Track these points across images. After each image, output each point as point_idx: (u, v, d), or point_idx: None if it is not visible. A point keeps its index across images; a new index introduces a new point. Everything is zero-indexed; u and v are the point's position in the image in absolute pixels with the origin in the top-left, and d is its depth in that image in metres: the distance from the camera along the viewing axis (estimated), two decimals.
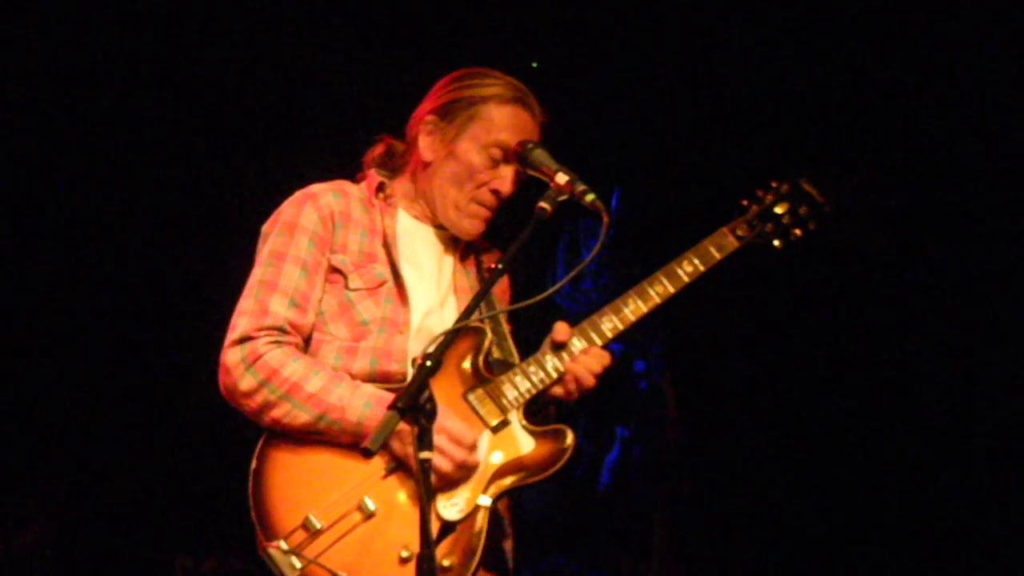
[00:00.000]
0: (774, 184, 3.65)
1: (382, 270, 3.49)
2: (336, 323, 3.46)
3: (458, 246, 3.63)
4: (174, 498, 5.66)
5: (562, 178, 3.31)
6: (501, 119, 3.49)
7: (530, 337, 3.68)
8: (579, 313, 6.04)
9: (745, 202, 3.63)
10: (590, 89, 5.91)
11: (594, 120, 5.92)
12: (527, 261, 3.40)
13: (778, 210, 3.62)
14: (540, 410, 3.51)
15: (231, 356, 3.39)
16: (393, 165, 3.66)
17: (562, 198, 3.30)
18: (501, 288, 3.73)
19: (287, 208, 3.52)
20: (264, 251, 3.49)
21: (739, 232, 3.60)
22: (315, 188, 3.55)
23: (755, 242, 3.60)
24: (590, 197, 3.28)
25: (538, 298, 3.43)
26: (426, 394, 2.95)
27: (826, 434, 5.86)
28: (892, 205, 5.77)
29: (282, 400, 3.35)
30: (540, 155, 3.40)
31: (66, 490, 5.57)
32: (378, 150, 3.68)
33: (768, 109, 5.87)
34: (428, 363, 2.97)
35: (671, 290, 3.53)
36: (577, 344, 3.51)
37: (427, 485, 2.95)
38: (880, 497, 5.79)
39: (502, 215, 3.58)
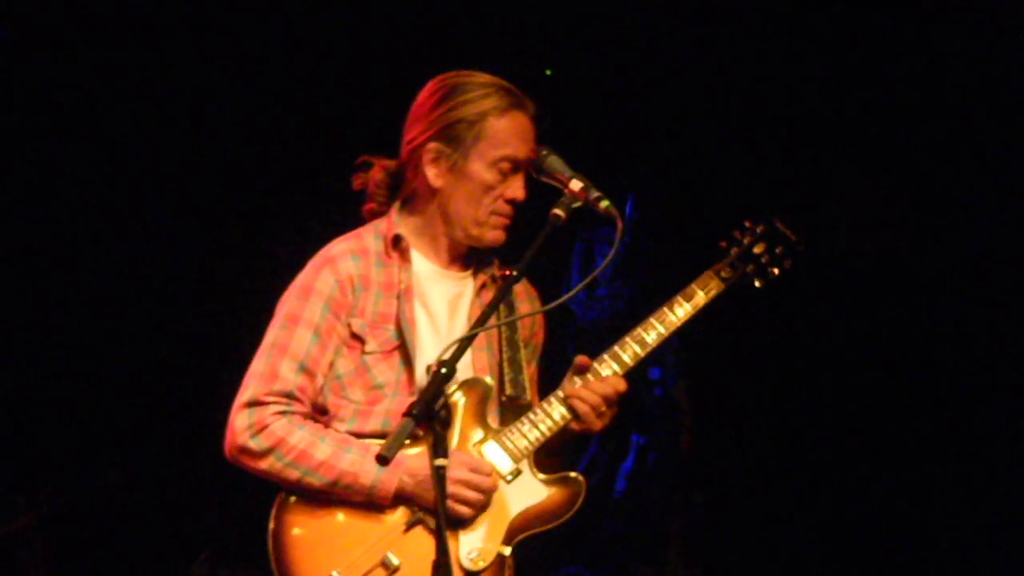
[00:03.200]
0: (749, 225, 3.70)
1: (395, 332, 3.50)
2: (353, 387, 3.49)
3: (474, 289, 3.60)
4: (169, 498, 5.68)
5: (576, 185, 3.31)
6: (504, 132, 3.47)
7: (548, 351, 3.71)
8: (594, 320, 6.07)
9: (724, 244, 3.68)
10: (605, 96, 5.91)
11: (608, 127, 5.92)
12: (540, 268, 3.38)
13: (756, 251, 3.68)
14: (554, 454, 3.54)
15: (239, 420, 3.44)
16: (401, 194, 3.63)
17: (576, 205, 3.31)
18: (534, 325, 3.72)
19: (306, 271, 3.55)
20: (280, 313, 3.52)
21: (723, 275, 3.64)
22: (335, 250, 3.55)
23: (738, 283, 3.66)
24: (604, 204, 3.30)
25: (552, 305, 3.47)
26: (441, 401, 2.96)
27: (842, 442, 5.84)
28: (904, 209, 5.76)
29: (290, 467, 3.40)
30: (554, 162, 3.41)
31: (54, 483, 5.57)
32: (378, 175, 3.63)
33: (783, 114, 5.86)
34: (443, 370, 2.98)
35: (665, 333, 3.57)
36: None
37: (442, 492, 2.97)
38: (896, 506, 5.77)
39: (520, 221, 3.58)
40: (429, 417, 2.96)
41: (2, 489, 5.49)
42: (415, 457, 3.38)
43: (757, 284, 3.68)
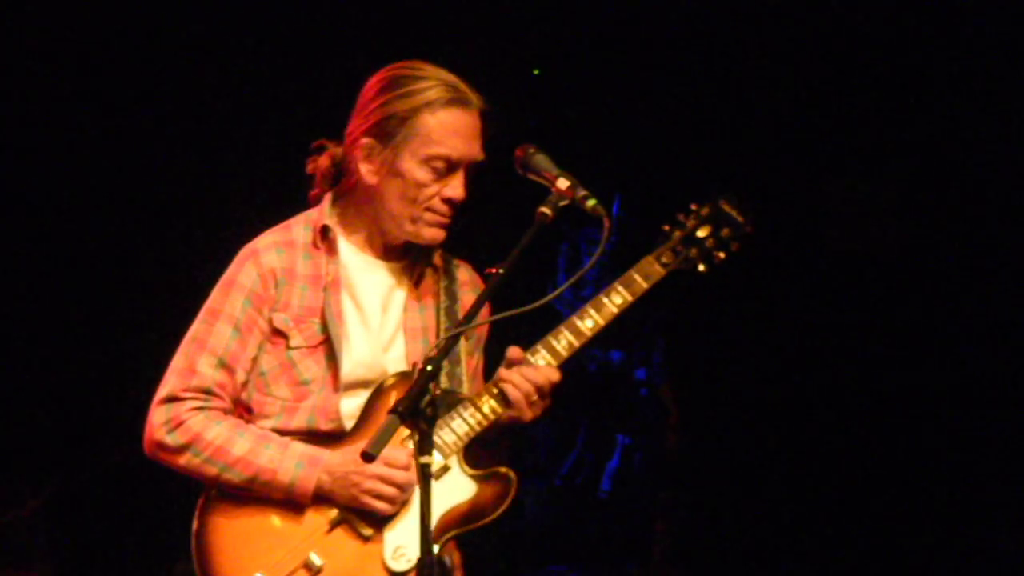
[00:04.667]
0: (694, 207, 3.60)
1: (321, 326, 3.43)
2: (278, 383, 3.43)
3: (411, 279, 3.52)
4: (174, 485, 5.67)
5: (563, 183, 3.27)
6: (438, 129, 3.37)
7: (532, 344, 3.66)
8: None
9: (667, 227, 3.59)
10: (591, 95, 5.91)
11: (594, 126, 5.92)
12: (526, 267, 3.35)
13: (700, 234, 3.57)
14: (489, 447, 3.45)
15: (156, 416, 3.40)
16: (340, 184, 3.55)
17: (563, 203, 3.26)
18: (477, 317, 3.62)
19: (231, 265, 3.47)
20: (203, 307, 3.46)
21: (664, 260, 3.55)
22: (260, 243, 3.47)
23: (680, 268, 3.56)
24: (591, 203, 3.26)
25: (537, 304, 3.38)
26: (427, 399, 2.94)
27: (828, 441, 5.85)
28: (893, 207, 5.77)
29: (207, 463, 3.36)
30: (541, 160, 3.36)
31: (58, 471, 5.56)
32: (324, 161, 3.54)
33: (772, 113, 5.87)
34: (428, 367, 2.96)
35: (601, 323, 3.49)
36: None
37: (426, 489, 2.94)
38: (883, 505, 5.78)
39: (460, 220, 3.49)
40: (415, 414, 2.93)
41: (6, 477, 5.48)
42: (333, 455, 3.33)
43: (701, 268, 3.56)
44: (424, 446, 2.93)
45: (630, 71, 5.93)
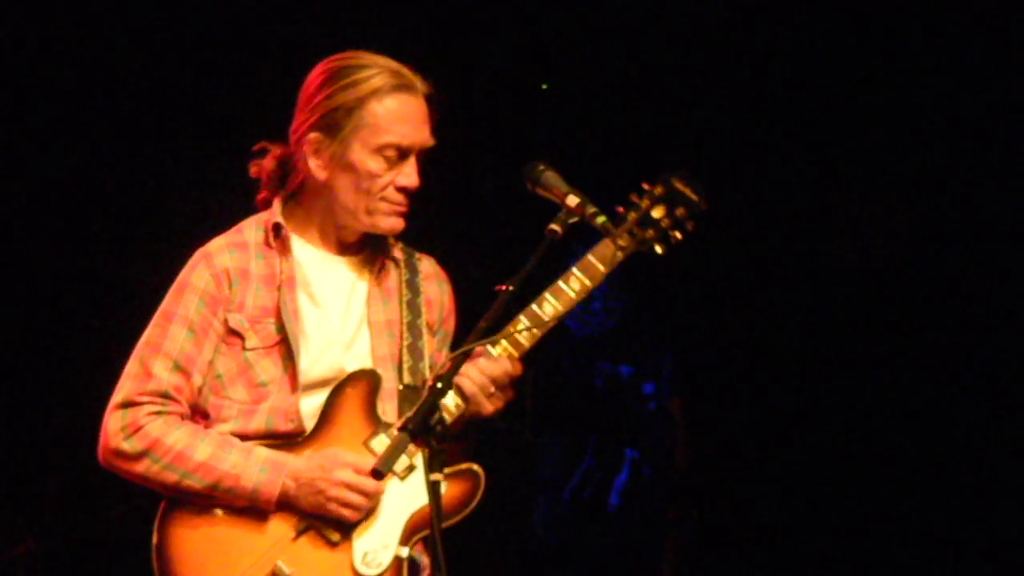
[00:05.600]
0: (647, 187, 3.48)
1: (276, 326, 3.35)
2: (235, 386, 3.35)
3: (372, 273, 3.45)
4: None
5: (573, 200, 3.25)
6: (386, 117, 3.31)
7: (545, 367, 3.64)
8: (589, 335, 6.07)
9: (621, 209, 3.46)
10: (602, 110, 5.91)
11: (601, 140, 5.92)
12: (535, 283, 3.33)
13: (655, 214, 3.44)
14: (455, 442, 3.33)
15: (112, 422, 3.30)
16: (289, 183, 3.46)
17: (573, 220, 3.25)
18: (442, 311, 3.53)
19: (184, 268, 3.40)
20: (156, 311, 3.39)
21: (621, 243, 3.41)
22: (212, 246, 3.41)
23: (638, 251, 3.45)
24: (601, 219, 3.25)
25: (549, 323, 3.42)
26: (436, 416, 2.94)
27: (838, 456, 5.84)
28: (901, 220, 5.77)
29: (167, 470, 3.26)
30: (551, 177, 3.34)
31: (55, 509, 5.54)
32: (269, 164, 3.46)
33: (778, 129, 5.87)
34: (439, 385, 2.95)
35: (561, 309, 3.37)
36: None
37: (437, 506, 2.93)
38: (893, 521, 5.77)
39: (416, 207, 3.41)
40: (425, 431, 2.93)
41: (3, 513, 5.46)
42: (298, 460, 3.27)
43: (659, 250, 3.44)
44: (434, 463, 2.93)
45: (639, 87, 5.93)
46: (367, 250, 3.46)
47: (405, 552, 3.27)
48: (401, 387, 3.38)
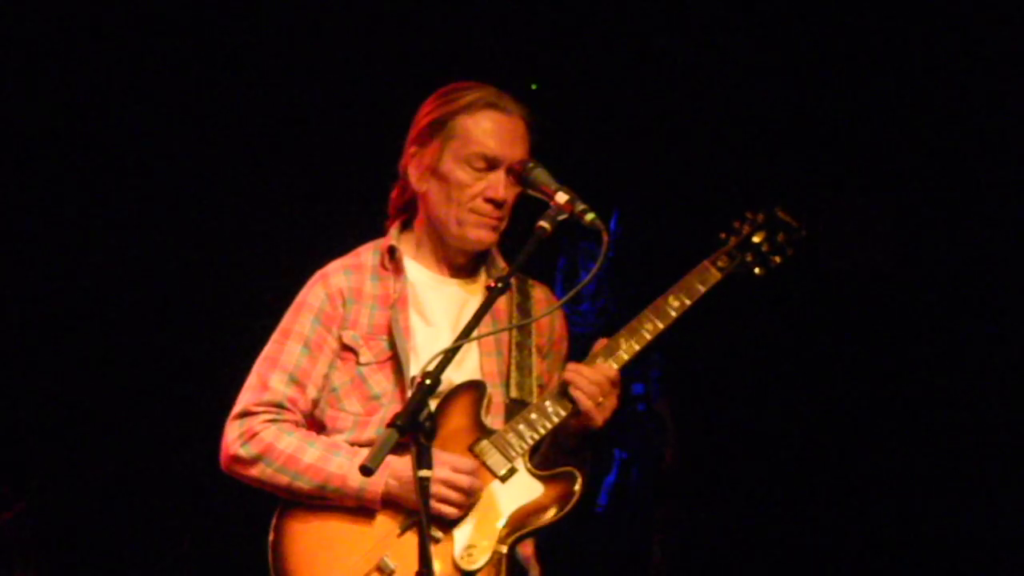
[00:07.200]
0: (750, 215, 3.70)
1: (389, 342, 3.54)
2: (350, 398, 3.55)
3: (483, 295, 3.60)
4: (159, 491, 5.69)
5: (562, 197, 3.32)
6: (476, 129, 3.51)
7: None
8: (577, 335, 6.07)
9: (723, 235, 3.68)
10: (589, 109, 5.92)
11: (592, 141, 5.93)
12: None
13: (756, 239, 3.67)
14: (556, 451, 3.54)
15: (231, 431, 3.52)
16: (408, 207, 3.69)
17: (562, 217, 3.31)
18: (553, 333, 3.71)
19: (303, 289, 3.62)
20: (276, 329, 3.61)
21: (720, 264, 3.63)
22: (329, 267, 3.63)
23: (736, 272, 3.65)
24: (590, 217, 3.31)
25: (535, 318, 3.50)
26: (425, 412, 2.97)
27: (826, 457, 5.85)
28: (888, 223, 5.78)
29: (279, 473, 3.46)
30: (540, 174, 3.43)
31: (43, 473, 5.57)
32: (395, 192, 3.69)
33: (767, 129, 5.88)
34: (427, 381, 3.00)
35: (661, 326, 3.57)
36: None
37: (426, 505, 2.99)
38: (882, 521, 5.78)
39: (511, 225, 3.58)
40: (413, 428, 2.96)
41: None
42: (401, 460, 3.40)
43: (757, 272, 3.66)
44: (423, 460, 2.97)
45: (628, 85, 5.94)
46: (479, 274, 3.64)
47: (504, 549, 3.44)
48: (508, 400, 3.56)
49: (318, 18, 5.72)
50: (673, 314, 3.57)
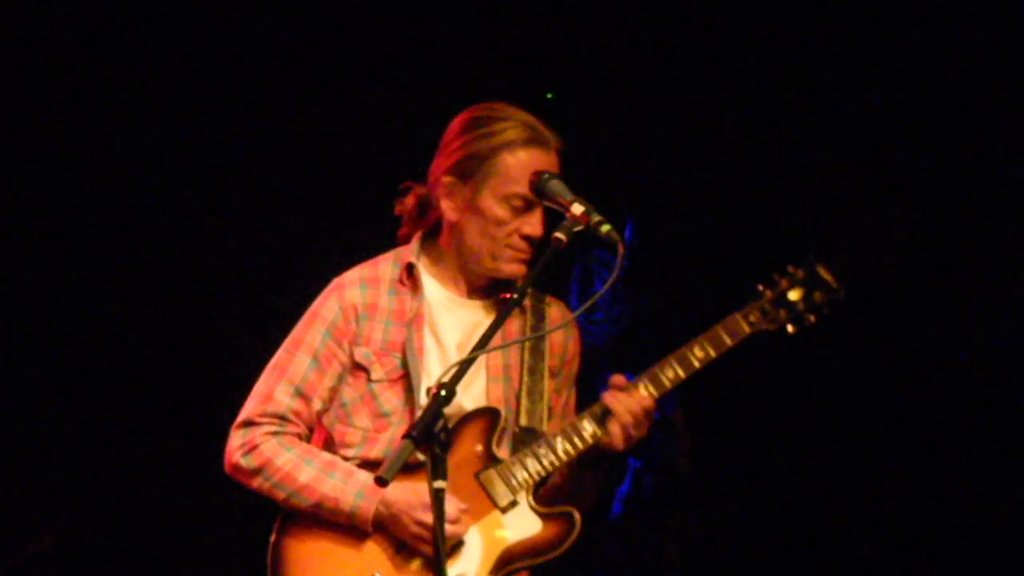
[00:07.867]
0: (791, 270, 3.64)
1: (401, 360, 3.55)
2: (359, 414, 3.56)
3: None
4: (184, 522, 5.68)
5: (578, 208, 3.33)
6: (517, 168, 3.50)
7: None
8: (592, 345, 6.07)
9: (760, 287, 3.64)
10: (604, 120, 5.92)
11: (607, 151, 5.92)
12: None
13: (792, 296, 3.63)
14: (586, 470, 3.54)
15: (234, 439, 3.56)
16: (426, 222, 3.69)
17: (577, 228, 3.31)
18: (565, 354, 3.70)
19: (318, 297, 3.63)
20: (289, 336, 3.62)
21: (752, 319, 3.61)
22: (346, 278, 3.63)
23: (767, 329, 3.63)
24: (605, 228, 3.30)
25: (550, 331, 3.49)
26: (440, 423, 2.97)
27: (841, 465, 5.84)
28: (903, 230, 5.77)
29: (276, 488, 3.50)
30: (555, 186, 3.43)
31: (72, 505, 5.57)
32: (410, 201, 3.69)
33: (782, 137, 5.87)
34: (442, 393, 2.99)
35: (683, 375, 3.57)
36: (589, 426, 3.55)
37: (440, 515, 2.98)
38: (895, 528, 5.76)
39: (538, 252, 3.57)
40: (428, 439, 2.96)
41: (18, 512, 5.49)
42: (394, 489, 3.39)
43: (791, 329, 3.63)
44: (438, 471, 2.96)
45: (642, 96, 5.94)
46: (495, 295, 3.63)
47: None
48: (517, 428, 3.56)
49: (331, 23, 5.73)
50: (697, 365, 3.57)
